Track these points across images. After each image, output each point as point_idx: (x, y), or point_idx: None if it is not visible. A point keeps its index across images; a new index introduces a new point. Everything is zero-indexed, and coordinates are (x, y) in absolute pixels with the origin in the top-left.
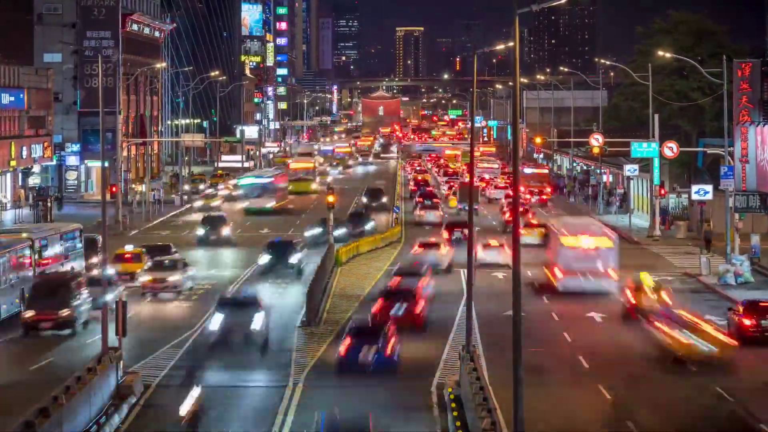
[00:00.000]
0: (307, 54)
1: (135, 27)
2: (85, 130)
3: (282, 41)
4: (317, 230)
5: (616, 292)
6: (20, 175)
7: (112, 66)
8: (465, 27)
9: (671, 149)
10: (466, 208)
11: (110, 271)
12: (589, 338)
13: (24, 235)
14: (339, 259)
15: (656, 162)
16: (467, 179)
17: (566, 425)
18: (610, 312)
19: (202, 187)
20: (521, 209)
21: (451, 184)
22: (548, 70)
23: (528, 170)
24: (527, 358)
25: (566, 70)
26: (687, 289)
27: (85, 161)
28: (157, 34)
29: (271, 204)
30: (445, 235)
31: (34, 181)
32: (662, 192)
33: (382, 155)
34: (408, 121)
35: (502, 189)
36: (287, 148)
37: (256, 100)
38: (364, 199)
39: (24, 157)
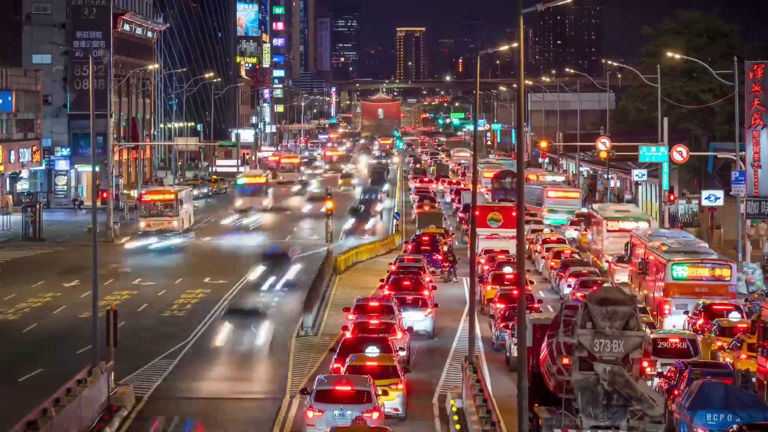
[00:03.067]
0: (304, 55)
1: (127, 27)
2: (76, 133)
3: (279, 42)
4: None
5: None
6: (8, 180)
7: (103, 67)
8: (467, 27)
9: (681, 153)
10: None
11: None
12: None
13: None
14: (338, 267)
15: (665, 167)
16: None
17: None
18: None
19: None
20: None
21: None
22: (554, 71)
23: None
24: None
25: (572, 71)
26: None
27: (75, 166)
28: (149, 34)
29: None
30: None
31: (22, 186)
32: (671, 197)
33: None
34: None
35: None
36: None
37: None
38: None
39: (12, 161)
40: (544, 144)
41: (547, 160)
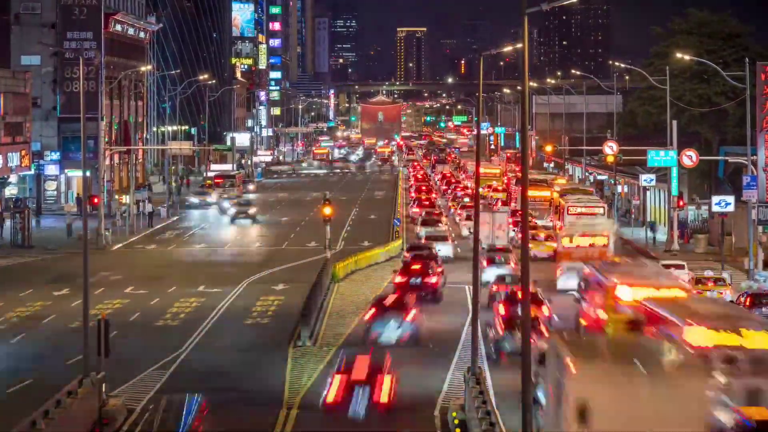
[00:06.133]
0: (302, 56)
1: (118, 27)
2: (66, 137)
3: (275, 43)
4: None
5: None
6: None
7: (94, 69)
8: (470, 27)
9: (690, 158)
10: None
11: None
12: None
13: None
14: (336, 275)
15: (674, 171)
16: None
17: None
18: None
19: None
20: None
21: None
22: (559, 73)
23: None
24: None
25: (578, 73)
26: None
27: (66, 170)
28: (142, 35)
29: None
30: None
31: (10, 191)
32: (681, 203)
33: None
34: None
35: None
36: (281, 157)
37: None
38: None
39: (0, 166)
40: (549, 148)
41: (552, 165)
